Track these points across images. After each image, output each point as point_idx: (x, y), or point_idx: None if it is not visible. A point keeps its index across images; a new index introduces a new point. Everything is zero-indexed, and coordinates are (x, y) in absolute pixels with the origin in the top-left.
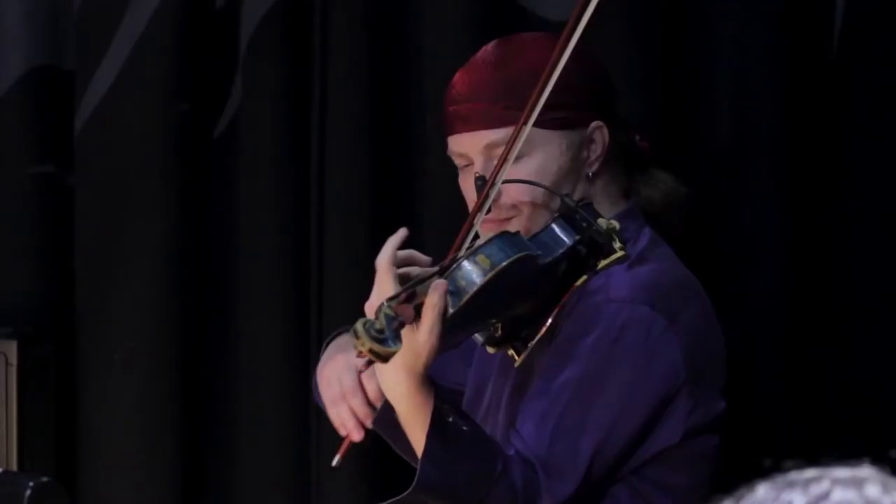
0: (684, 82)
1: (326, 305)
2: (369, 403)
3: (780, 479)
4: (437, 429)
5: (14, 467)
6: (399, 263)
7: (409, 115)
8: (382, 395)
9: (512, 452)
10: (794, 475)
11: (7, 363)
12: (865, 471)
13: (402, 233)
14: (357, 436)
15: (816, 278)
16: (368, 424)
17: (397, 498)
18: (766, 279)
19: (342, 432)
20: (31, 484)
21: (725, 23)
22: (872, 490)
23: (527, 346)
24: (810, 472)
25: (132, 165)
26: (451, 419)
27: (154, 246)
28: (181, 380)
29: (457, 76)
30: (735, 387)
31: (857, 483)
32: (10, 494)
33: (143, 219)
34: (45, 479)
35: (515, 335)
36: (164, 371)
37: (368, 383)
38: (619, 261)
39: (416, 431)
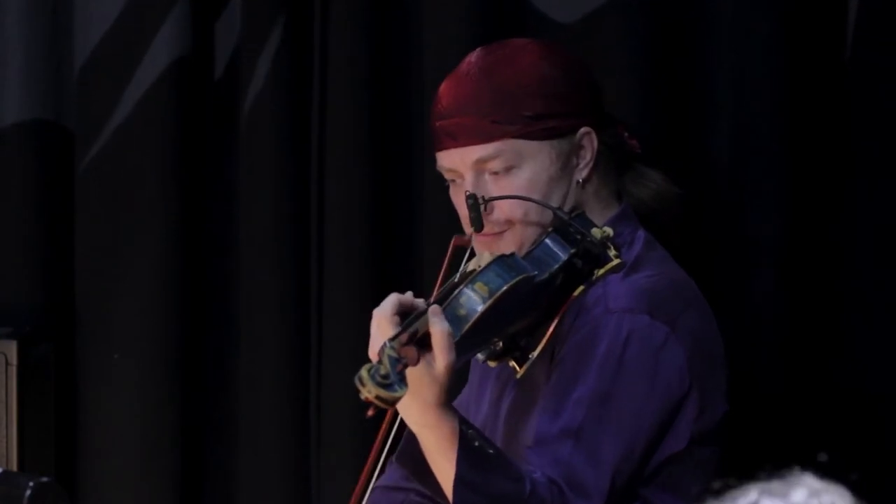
0: (685, 85)
1: (326, 305)
2: None
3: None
4: (465, 454)
5: (14, 467)
6: (399, 307)
7: (408, 115)
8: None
9: (537, 475)
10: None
11: (7, 363)
12: (795, 478)
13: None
14: None
15: (818, 281)
16: None
17: None
18: (766, 282)
19: None
20: (31, 484)
21: (726, 23)
22: (798, 496)
23: (527, 358)
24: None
25: (133, 168)
26: (477, 444)
27: (154, 246)
28: (181, 380)
29: (442, 88)
30: (736, 391)
31: (784, 491)
32: (10, 494)
33: (143, 220)
34: (45, 479)
35: (515, 346)
36: (164, 371)
37: None
38: (615, 269)
39: (443, 461)
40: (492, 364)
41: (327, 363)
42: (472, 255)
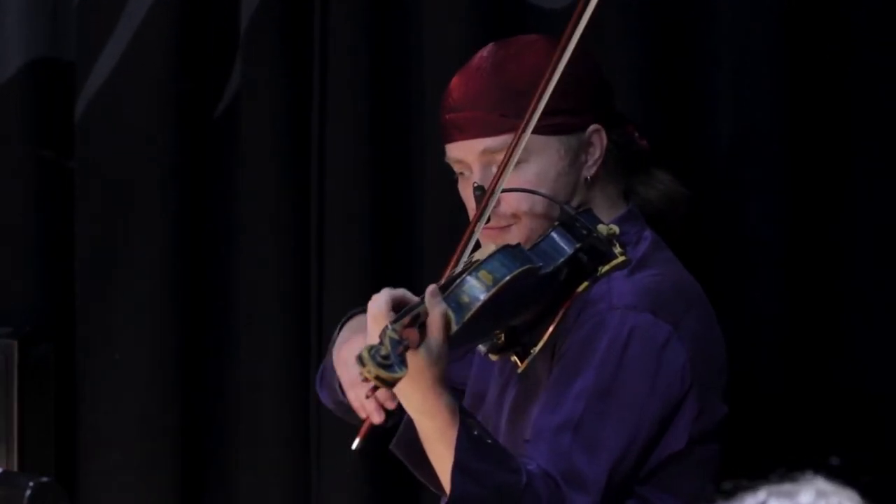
0: (685, 84)
1: (326, 305)
2: None
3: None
4: (465, 441)
5: (14, 467)
6: (393, 302)
7: (408, 115)
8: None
9: (532, 467)
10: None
11: (7, 363)
12: (805, 480)
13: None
14: (377, 418)
15: (818, 281)
16: (389, 406)
17: None
18: (766, 282)
19: (361, 415)
20: (31, 484)
21: (726, 23)
22: (806, 498)
23: (529, 353)
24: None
25: (132, 166)
26: (476, 433)
27: (154, 246)
28: (181, 379)
29: (453, 82)
30: (736, 391)
31: (793, 492)
32: (10, 494)
33: (143, 220)
34: (45, 479)
35: (517, 341)
36: (164, 371)
37: None
38: (619, 266)
39: (442, 448)
40: (493, 358)
41: None
42: (478, 245)
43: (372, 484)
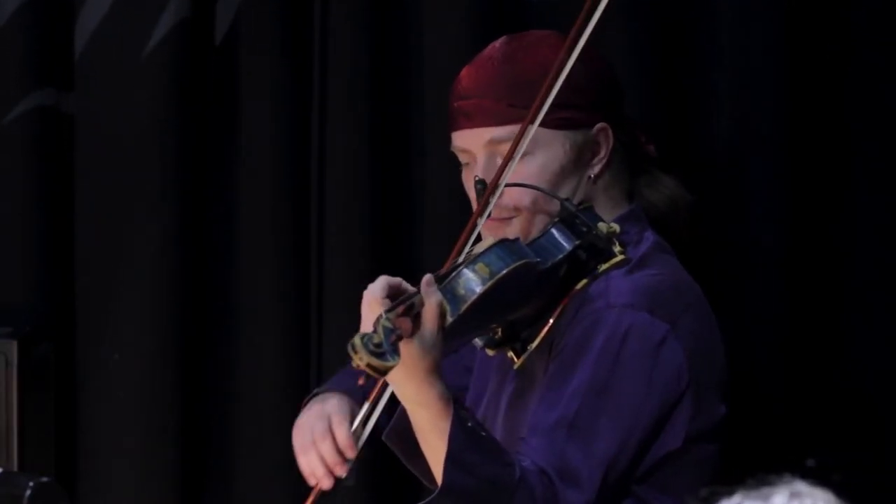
0: (685, 84)
1: (326, 306)
2: (339, 451)
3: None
4: (459, 432)
5: (14, 467)
6: (389, 290)
7: (408, 115)
8: (355, 440)
9: (527, 463)
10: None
11: (7, 363)
12: (781, 482)
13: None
14: (326, 483)
15: (818, 281)
16: (338, 472)
17: (423, 503)
18: (766, 282)
19: (311, 482)
20: (31, 484)
21: (726, 23)
22: (779, 499)
23: (526, 349)
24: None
25: (132, 169)
26: (470, 424)
27: (154, 247)
28: (181, 379)
29: (464, 71)
30: (736, 391)
31: (766, 494)
32: (10, 494)
33: (142, 222)
34: (45, 479)
35: (515, 336)
36: (164, 371)
37: (338, 430)
38: (619, 265)
39: (435, 439)
40: (490, 353)
41: (327, 363)
42: (480, 238)
43: (371, 484)
